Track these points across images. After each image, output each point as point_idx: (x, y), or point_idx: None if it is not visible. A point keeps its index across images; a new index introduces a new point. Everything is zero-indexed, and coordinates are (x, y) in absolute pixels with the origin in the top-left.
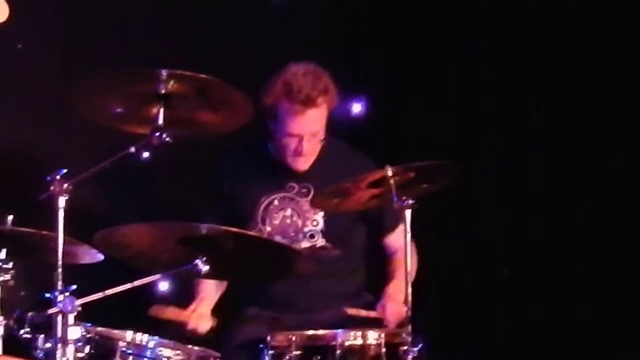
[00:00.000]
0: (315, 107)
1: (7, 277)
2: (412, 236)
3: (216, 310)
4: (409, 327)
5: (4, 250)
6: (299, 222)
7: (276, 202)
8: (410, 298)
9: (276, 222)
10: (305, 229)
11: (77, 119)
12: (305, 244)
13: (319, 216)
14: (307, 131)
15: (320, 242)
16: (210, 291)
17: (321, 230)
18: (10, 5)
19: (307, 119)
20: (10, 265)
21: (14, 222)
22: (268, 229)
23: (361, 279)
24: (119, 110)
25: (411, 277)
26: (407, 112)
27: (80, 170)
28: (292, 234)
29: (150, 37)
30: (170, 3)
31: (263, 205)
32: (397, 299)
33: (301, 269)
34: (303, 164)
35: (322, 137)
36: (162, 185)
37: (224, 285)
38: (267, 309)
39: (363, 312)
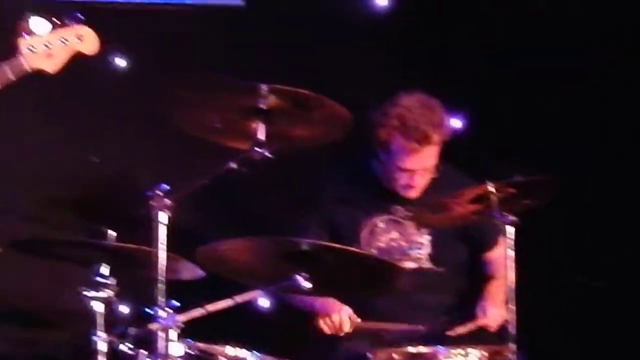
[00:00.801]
0: (430, 144)
1: (110, 292)
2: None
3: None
4: (514, 345)
5: (107, 266)
6: (404, 245)
7: (381, 225)
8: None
9: (381, 244)
10: (411, 252)
11: (178, 134)
12: (410, 266)
13: (425, 239)
14: (421, 167)
15: (425, 264)
16: None
17: (427, 253)
18: (110, 24)
19: (421, 155)
20: (113, 281)
21: (116, 238)
22: (373, 251)
23: (461, 294)
24: (217, 125)
25: (512, 291)
26: (502, 126)
27: (180, 186)
28: (397, 257)
29: (249, 52)
30: (269, 18)
31: (367, 227)
32: (497, 300)
33: (403, 284)
34: (414, 193)
35: (434, 170)
36: (261, 200)
37: None
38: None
39: (464, 330)
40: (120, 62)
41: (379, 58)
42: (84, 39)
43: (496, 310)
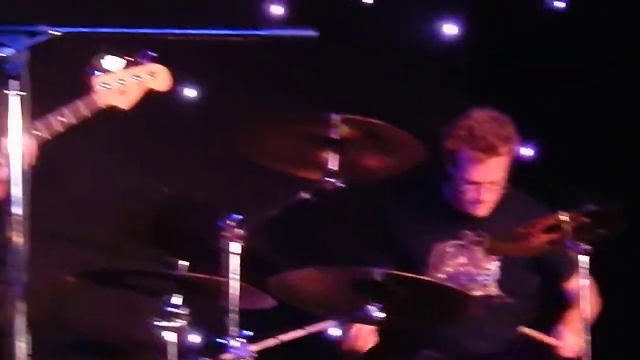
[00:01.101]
0: (497, 155)
1: (182, 322)
2: (592, 280)
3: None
4: None
5: (178, 296)
6: (472, 271)
7: (449, 250)
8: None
9: (449, 269)
10: (479, 278)
11: (249, 164)
12: (478, 293)
13: (493, 265)
14: (488, 179)
15: (493, 290)
16: None
17: (495, 279)
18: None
19: (488, 167)
20: (185, 311)
21: (187, 268)
22: (441, 276)
23: (532, 325)
24: (288, 154)
25: (591, 319)
26: (573, 154)
27: (252, 216)
28: (465, 282)
29: (321, 82)
30: (340, 47)
31: (435, 252)
32: (575, 328)
33: (474, 314)
34: (482, 210)
35: (502, 186)
36: (332, 229)
37: None
38: (437, 351)
39: (539, 335)
40: (191, 93)
41: (449, 86)
42: (156, 76)
43: (573, 337)
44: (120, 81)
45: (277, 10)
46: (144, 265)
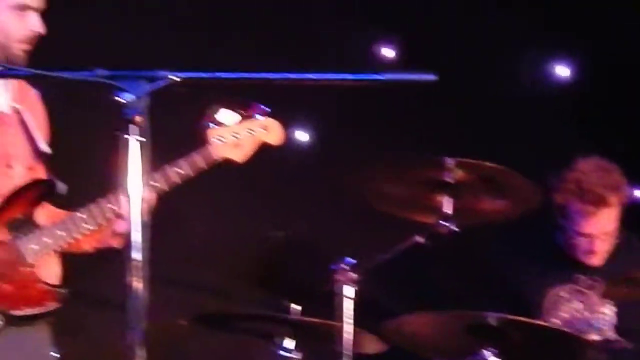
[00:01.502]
0: (607, 206)
1: None
2: None
3: None
4: None
5: (291, 340)
6: (588, 316)
7: (564, 295)
8: None
9: (564, 314)
10: (595, 323)
11: (363, 207)
12: (594, 338)
13: (609, 310)
14: (600, 231)
15: (610, 335)
16: None
17: (612, 324)
18: (295, 98)
19: (599, 219)
20: (298, 355)
21: (300, 312)
22: (556, 321)
23: None
24: (402, 198)
25: None
26: None
27: (366, 259)
28: (581, 328)
29: (434, 125)
30: (448, 92)
31: (550, 297)
32: None
33: (588, 358)
34: (596, 260)
35: (615, 235)
36: (446, 274)
37: None
38: None
39: None
40: (305, 137)
41: (560, 129)
42: (270, 130)
43: None
44: (235, 134)
45: (388, 53)
46: (257, 309)
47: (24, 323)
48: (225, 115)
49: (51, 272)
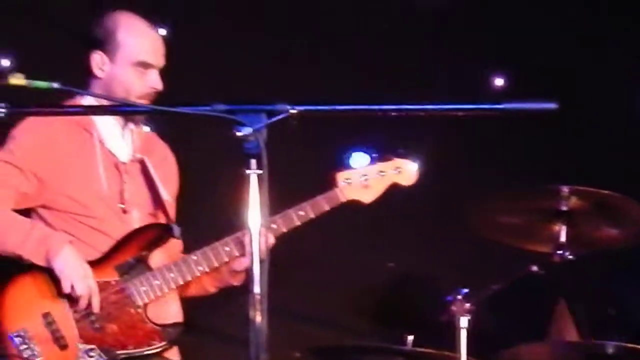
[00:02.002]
0: None
1: None
2: None
3: None
4: None
5: None
6: None
7: None
8: None
9: None
10: None
11: (476, 236)
12: None
13: None
14: None
15: None
16: None
17: None
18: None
19: None
20: None
21: (414, 342)
22: None
23: None
24: (516, 227)
25: None
26: None
27: (480, 290)
28: None
29: (547, 154)
30: (568, 120)
31: None
32: None
33: None
34: None
35: None
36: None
37: None
38: None
39: None
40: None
41: None
42: (402, 172)
43: None
44: (364, 177)
45: (499, 82)
46: (371, 340)
47: None
48: (356, 158)
49: (170, 310)
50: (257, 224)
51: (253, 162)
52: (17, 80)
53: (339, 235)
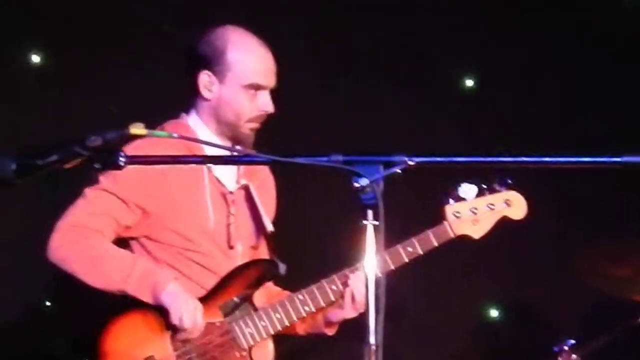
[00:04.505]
0: None
1: None
2: None
3: None
4: None
5: None
6: None
7: None
8: None
9: None
10: None
11: (585, 287)
12: None
13: None
14: None
15: None
16: None
17: None
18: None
19: None
20: None
21: None
22: None
23: None
24: (626, 278)
25: None
26: None
27: (587, 341)
28: None
29: None
30: None
31: None
32: None
33: None
34: None
35: None
36: None
37: None
38: None
39: None
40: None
41: None
42: (512, 205)
43: None
44: (474, 210)
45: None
46: None
47: None
48: (466, 190)
49: (269, 350)
50: (372, 274)
51: (370, 213)
52: (138, 130)
53: (436, 277)
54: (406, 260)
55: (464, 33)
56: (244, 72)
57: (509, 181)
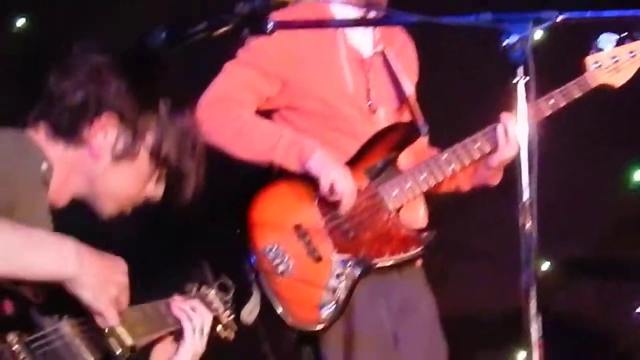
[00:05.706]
0: None
1: None
2: None
3: None
4: None
5: None
6: None
7: None
8: None
9: None
10: None
11: None
12: None
13: None
14: None
15: None
16: None
17: None
18: None
19: None
20: None
21: None
22: None
23: None
24: None
25: None
26: None
27: None
28: None
29: None
30: None
31: None
32: None
33: None
34: None
35: None
36: None
37: None
38: None
39: None
40: None
41: None
42: None
43: None
44: (614, 59)
45: None
46: None
47: (391, 270)
48: (605, 40)
49: (419, 214)
50: (524, 131)
51: (519, 69)
52: None
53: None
54: (547, 113)
55: None
56: None
57: None
